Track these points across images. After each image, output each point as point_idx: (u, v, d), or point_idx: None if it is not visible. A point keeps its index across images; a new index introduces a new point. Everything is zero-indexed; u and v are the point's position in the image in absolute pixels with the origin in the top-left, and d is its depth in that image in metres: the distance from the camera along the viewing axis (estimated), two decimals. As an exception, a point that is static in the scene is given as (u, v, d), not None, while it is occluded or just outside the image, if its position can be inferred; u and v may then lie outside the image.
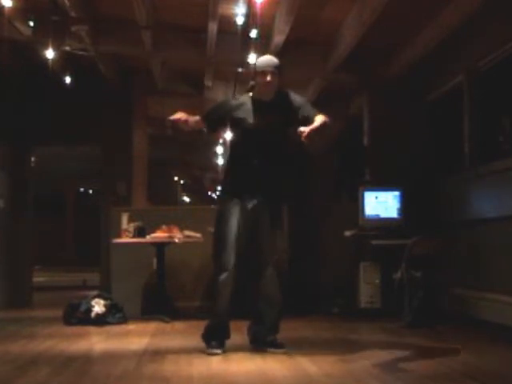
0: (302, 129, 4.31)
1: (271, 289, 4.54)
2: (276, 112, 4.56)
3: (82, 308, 6.43)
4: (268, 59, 4.67)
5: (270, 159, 4.55)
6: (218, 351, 4.46)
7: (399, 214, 6.78)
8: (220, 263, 4.50)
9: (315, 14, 6.51)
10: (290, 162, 4.69)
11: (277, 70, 4.58)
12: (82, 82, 8.37)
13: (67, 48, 7.35)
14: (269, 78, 4.54)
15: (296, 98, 4.65)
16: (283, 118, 4.56)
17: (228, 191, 4.66)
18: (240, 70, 7.42)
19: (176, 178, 18.36)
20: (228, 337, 4.61)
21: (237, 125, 4.64)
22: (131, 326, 6.32)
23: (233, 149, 4.78)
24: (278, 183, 4.61)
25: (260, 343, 4.58)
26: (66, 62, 7.74)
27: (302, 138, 4.29)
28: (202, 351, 4.53)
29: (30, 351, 4.85)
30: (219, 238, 4.54)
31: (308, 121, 4.45)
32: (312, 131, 4.29)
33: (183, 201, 19.55)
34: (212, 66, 8.09)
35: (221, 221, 4.54)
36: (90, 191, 20.14)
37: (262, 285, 4.54)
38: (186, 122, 4.65)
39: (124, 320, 6.49)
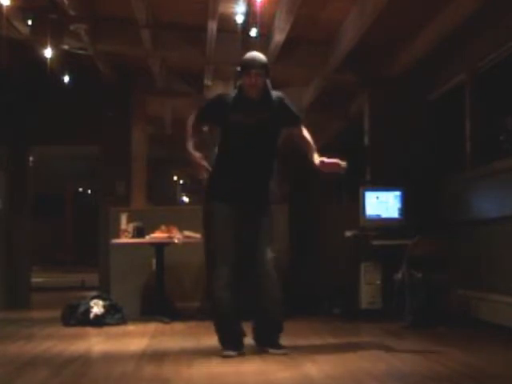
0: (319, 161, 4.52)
1: (270, 288, 4.50)
2: (263, 111, 4.49)
3: (81, 309, 6.40)
4: (252, 58, 4.52)
5: (257, 158, 4.50)
6: (232, 353, 4.38)
7: (400, 214, 6.75)
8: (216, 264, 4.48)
9: (316, 13, 6.49)
10: (274, 162, 4.62)
11: (263, 70, 4.46)
12: (81, 82, 8.34)
13: (66, 47, 7.33)
14: (253, 80, 4.45)
15: (286, 103, 4.58)
16: (270, 118, 4.50)
17: (216, 193, 4.59)
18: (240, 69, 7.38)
19: (175, 178, 18.32)
20: (242, 336, 4.55)
21: (226, 123, 4.56)
22: (130, 327, 6.29)
23: (221, 148, 4.68)
24: (265, 183, 4.56)
25: (262, 343, 4.54)
26: (65, 61, 7.71)
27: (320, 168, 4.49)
28: (201, 352, 4.50)
29: (29, 352, 4.83)
30: (216, 245, 4.53)
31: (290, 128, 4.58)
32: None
33: (183, 201, 19.50)
34: (212, 65, 8.06)
35: (208, 226, 4.53)
36: (89, 191, 20.09)
37: (260, 284, 4.50)
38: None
39: (123, 321, 6.46)
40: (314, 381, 3.67)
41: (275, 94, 4.61)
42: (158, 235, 6.71)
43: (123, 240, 6.78)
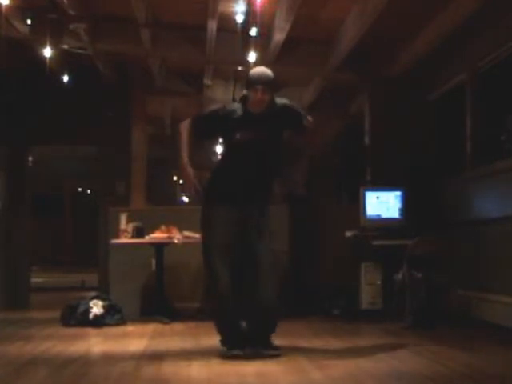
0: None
1: (266, 288, 4.48)
2: (267, 125, 4.45)
3: (80, 309, 6.38)
4: (260, 74, 4.44)
5: (258, 172, 4.47)
6: (239, 352, 4.34)
7: (401, 214, 6.74)
8: (212, 273, 4.48)
9: (316, 13, 6.48)
10: (278, 168, 4.58)
11: (269, 86, 4.41)
12: (80, 82, 8.33)
13: (65, 46, 7.32)
14: (259, 96, 4.40)
15: (292, 106, 4.56)
16: (275, 131, 4.48)
17: (213, 198, 4.57)
18: (240, 68, 7.39)
19: (175, 178, 18.31)
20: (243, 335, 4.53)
21: (226, 136, 4.56)
22: (130, 328, 6.28)
23: (222, 158, 4.67)
24: (266, 187, 4.55)
25: (254, 343, 4.51)
26: (65, 61, 7.70)
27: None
28: (201, 352, 4.48)
29: (28, 353, 4.81)
30: (208, 246, 4.52)
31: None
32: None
33: (182, 201, 19.51)
34: (211, 65, 8.05)
35: (207, 228, 4.53)
36: (89, 191, 20.09)
37: (255, 284, 4.48)
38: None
39: (122, 321, 6.45)
40: (314, 381, 3.66)
41: (279, 101, 4.55)
42: (158, 235, 6.69)
43: (123, 240, 6.76)
